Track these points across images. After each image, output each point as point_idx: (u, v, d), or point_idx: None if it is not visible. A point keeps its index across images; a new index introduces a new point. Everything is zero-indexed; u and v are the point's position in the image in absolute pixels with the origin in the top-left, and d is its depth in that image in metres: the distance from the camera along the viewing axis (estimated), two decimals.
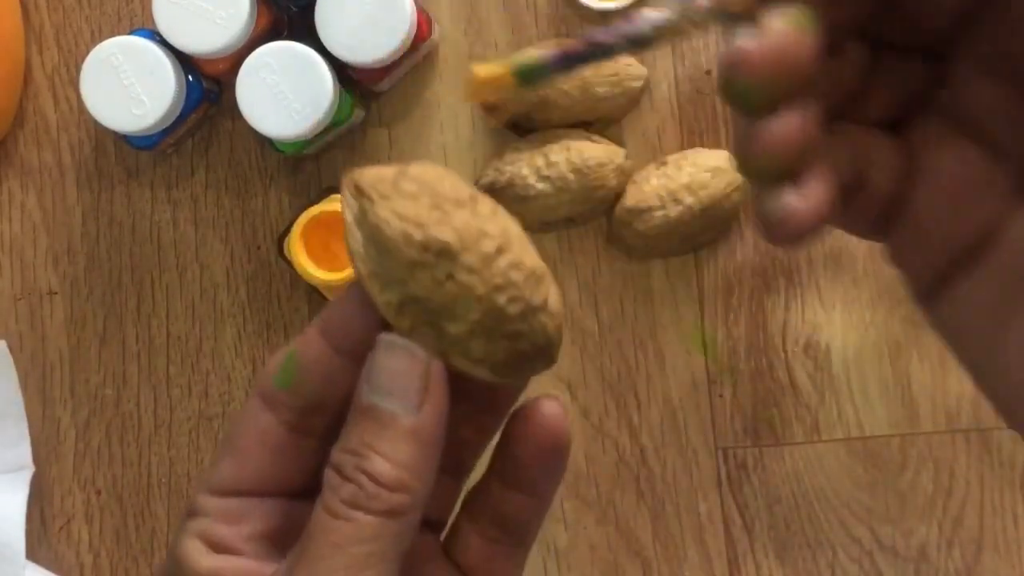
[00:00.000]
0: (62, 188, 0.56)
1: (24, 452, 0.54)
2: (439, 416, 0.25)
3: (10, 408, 0.54)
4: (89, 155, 0.56)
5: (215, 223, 0.56)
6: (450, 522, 0.29)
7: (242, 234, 0.56)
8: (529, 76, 0.25)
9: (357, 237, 0.26)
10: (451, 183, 0.26)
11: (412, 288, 0.25)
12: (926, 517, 0.52)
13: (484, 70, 0.25)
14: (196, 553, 0.26)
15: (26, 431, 0.55)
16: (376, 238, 0.25)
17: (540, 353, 0.26)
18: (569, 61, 0.26)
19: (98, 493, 0.55)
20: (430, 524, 0.29)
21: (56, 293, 0.56)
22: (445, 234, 0.25)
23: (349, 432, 0.25)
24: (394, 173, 0.26)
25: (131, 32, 0.51)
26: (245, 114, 0.49)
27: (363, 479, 0.24)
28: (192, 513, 0.27)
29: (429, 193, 0.26)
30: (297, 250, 0.49)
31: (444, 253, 0.25)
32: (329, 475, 0.25)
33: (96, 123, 0.51)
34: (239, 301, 0.55)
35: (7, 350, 0.55)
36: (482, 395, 0.28)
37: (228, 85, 0.52)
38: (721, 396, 0.53)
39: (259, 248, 0.56)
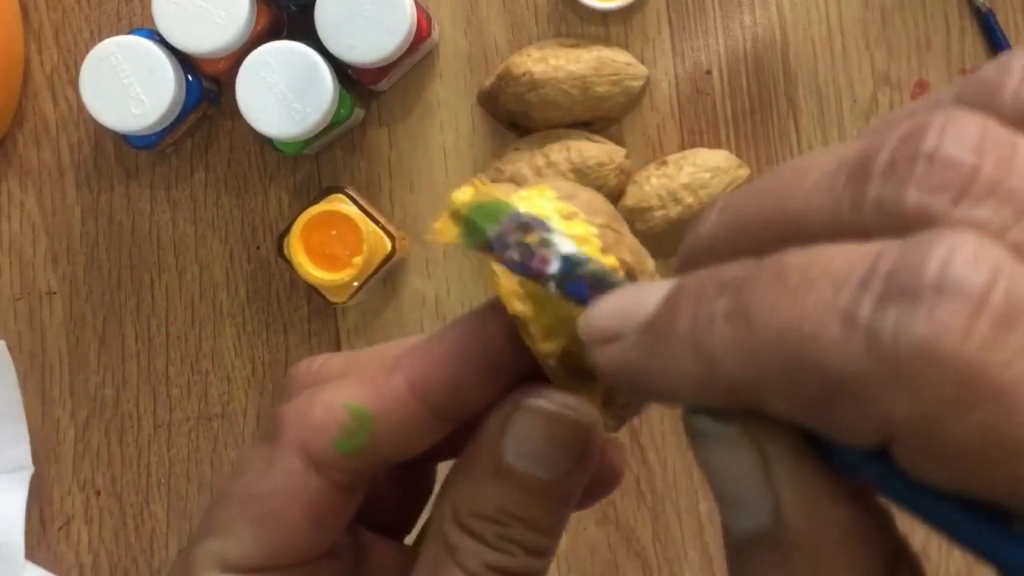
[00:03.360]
0: (61, 188, 0.56)
1: (23, 452, 0.54)
2: (585, 480, 0.22)
3: (9, 408, 0.54)
4: (88, 155, 0.56)
5: (215, 223, 0.56)
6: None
7: (242, 234, 0.56)
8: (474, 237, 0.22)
9: (511, 276, 0.21)
10: (596, 199, 0.22)
11: (575, 332, 0.20)
12: None
13: (436, 229, 0.22)
14: None
15: (25, 431, 0.55)
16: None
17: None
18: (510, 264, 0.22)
19: (97, 493, 0.55)
20: None
21: (55, 293, 0.56)
22: (625, 254, 0.21)
23: (480, 492, 0.22)
24: (538, 189, 0.22)
25: (130, 32, 0.51)
26: (245, 114, 0.49)
27: (513, 548, 0.22)
28: None
29: (591, 210, 0.22)
30: (297, 250, 0.49)
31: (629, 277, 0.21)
32: (458, 537, 0.22)
33: (95, 123, 0.50)
34: (239, 301, 0.55)
35: (6, 350, 0.55)
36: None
37: (228, 85, 0.52)
38: None
39: (259, 248, 0.55)
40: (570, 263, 0.21)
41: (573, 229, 0.21)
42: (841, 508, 0.17)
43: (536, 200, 0.22)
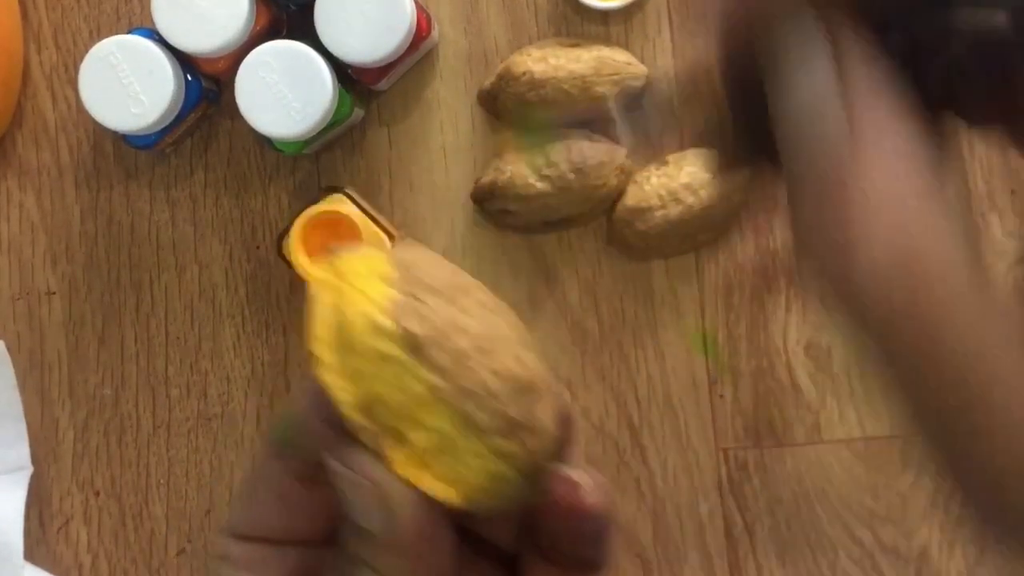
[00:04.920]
0: (60, 188, 0.56)
1: (22, 452, 0.54)
2: (416, 535, 0.24)
3: (8, 408, 0.54)
4: (88, 155, 0.56)
5: (214, 223, 0.56)
6: None
7: (241, 234, 0.55)
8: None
9: (323, 319, 0.23)
10: (436, 270, 0.23)
11: (376, 386, 0.22)
12: (928, 518, 0.52)
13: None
14: None
15: (24, 431, 0.54)
16: (340, 323, 0.22)
17: (524, 480, 0.23)
18: None
19: (96, 494, 0.55)
20: None
21: (55, 293, 0.56)
22: (414, 325, 0.22)
23: (344, 535, 0.25)
24: (375, 256, 0.24)
25: (130, 31, 0.51)
26: (244, 113, 0.49)
27: None
28: (219, 556, 0.26)
29: (408, 279, 0.23)
30: (296, 250, 0.49)
31: (411, 346, 0.22)
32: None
33: (95, 122, 0.50)
34: (238, 301, 0.55)
35: (5, 350, 0.54)
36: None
37: (227, 84, 0.52)
38: (722, 396, 0.53)
39: (258, 248, 0.55)
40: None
41: (374, 292, 0.23)
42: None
43: (360, 262, 0.23)
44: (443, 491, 0.23)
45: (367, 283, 0.23)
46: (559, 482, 0.25)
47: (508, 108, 0.52)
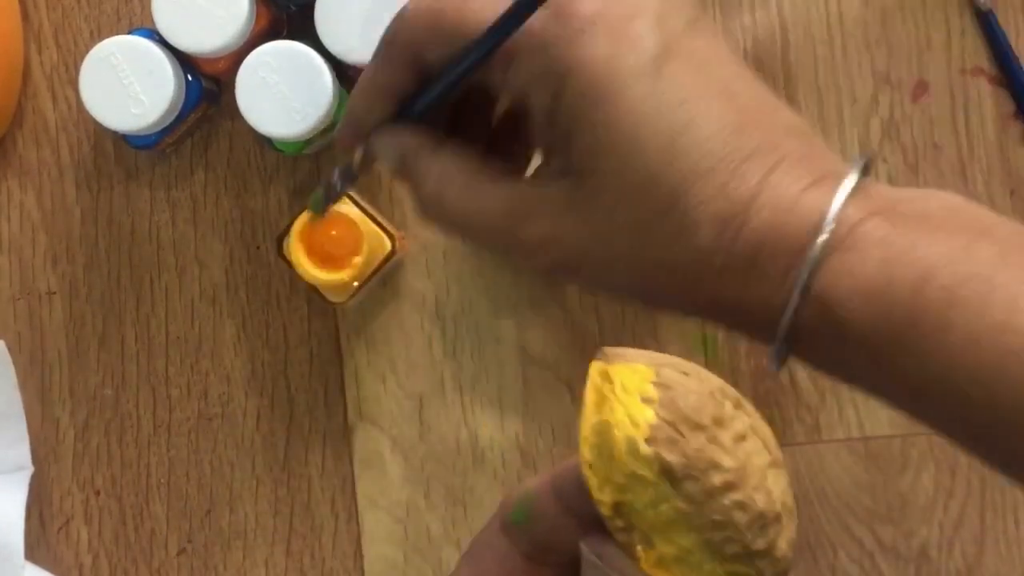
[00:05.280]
0: (61, 188, 0.56)
1: (23, 452, 0.54)
2: None
3: (9, 408, 0.54)
4: (88, 155, 0.56)
5: (214, 223, 0.56)
6: None
7: (241, 234, 0.55)
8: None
9: (590, 422, 0.25)
10: (697, 399, 0.25)
11: (629, 497, 0.24)
12: (927, 517, 0.52)
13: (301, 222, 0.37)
14: None
15: (25, 431, 0.54)
16: (603, 434, 0.24)
17: None
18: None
19: (97, 494, 0.55)
20: None
21: (55, 293, 0.56)
22: (671, 457, 0.24)
23: None
24: (645, 368, 0.25)
25: (130, 31, 0.51)
26: (245, 114, 0.49)
27: None
28: None
29: (669, 405, 0.24)
30: (296, 250, 0.49)
31: (667, 475, 0.23)
32: None
33: (95, 123, 0.50)
34: (239, 301, 0.55)
35: (6, 350, 0.55)
36: None
37: (228, 85, 0.52)
38: None
39: (258, 248, 0.55)
40: None
41: (638, 414, 0.24)
42: None
43: (627, 375, 0.25)
44: None
45: (632, 402, 0.24)
46: None
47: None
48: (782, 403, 0.53)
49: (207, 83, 0.53)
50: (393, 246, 0.51)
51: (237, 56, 0.50)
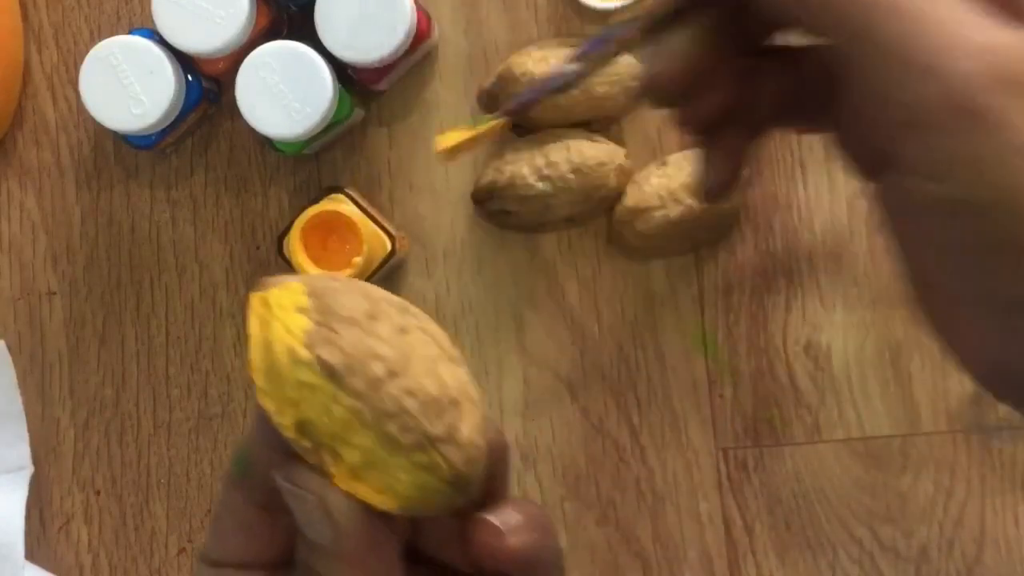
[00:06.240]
0: (61, 188, 0.56)
1: (23, 452, 0.54)
2: (359, 543, 0.25)
3: (9, 408, 0.54)
4: (88, 155, 0.56)
5: (214, 223, 0.56)
6: None
7: (241, 234, 0.55)
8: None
9: (256, 349, 0.25)
10: (348, 298, 0.25)
11: (305, 410, 0.24)
12: (927, 518, 0.52)
13: (447, 139, 0.28)
14: None
15: (25, 431, 0.54)
16: (267, 353, 0.24)
17: (452, 489, 0.25)
18: (520, 107, 0.35)
19: (97, 493, 0.55)
20: None
21: (55, 293, 0.56)
22: (328, 354, 0.24)
23: (299, 552, 0.26)
24: (293, 286, 0.25)
25: (130, 31, 0.51)
26: (245, 114, 0.49)
27: None
28: None
29: (321, 308, 0.24)
30: (296, 250, 0.49)
31: (329, 374, 0.24)
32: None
33: (95, 123, 0.50)
34: (239, 301, 0.55)
35: (6, 350, 0.55)
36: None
37: (228, 85, 0.52)
38: (721, 396, 0.53)
39: (258, 248, 0.55)
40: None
41: (293, 324, 0.25)
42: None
43: (282, 294, 0.25)
44: (379, 500, 0.25)
45: (287, 315, 0.25)
46: (479, 527, 0.26)
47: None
48: (782, 403, 0.53)
49: (207, 83, 0.53)
50: (393, 246, 0.51)
51: (237, 56, 0.50)
